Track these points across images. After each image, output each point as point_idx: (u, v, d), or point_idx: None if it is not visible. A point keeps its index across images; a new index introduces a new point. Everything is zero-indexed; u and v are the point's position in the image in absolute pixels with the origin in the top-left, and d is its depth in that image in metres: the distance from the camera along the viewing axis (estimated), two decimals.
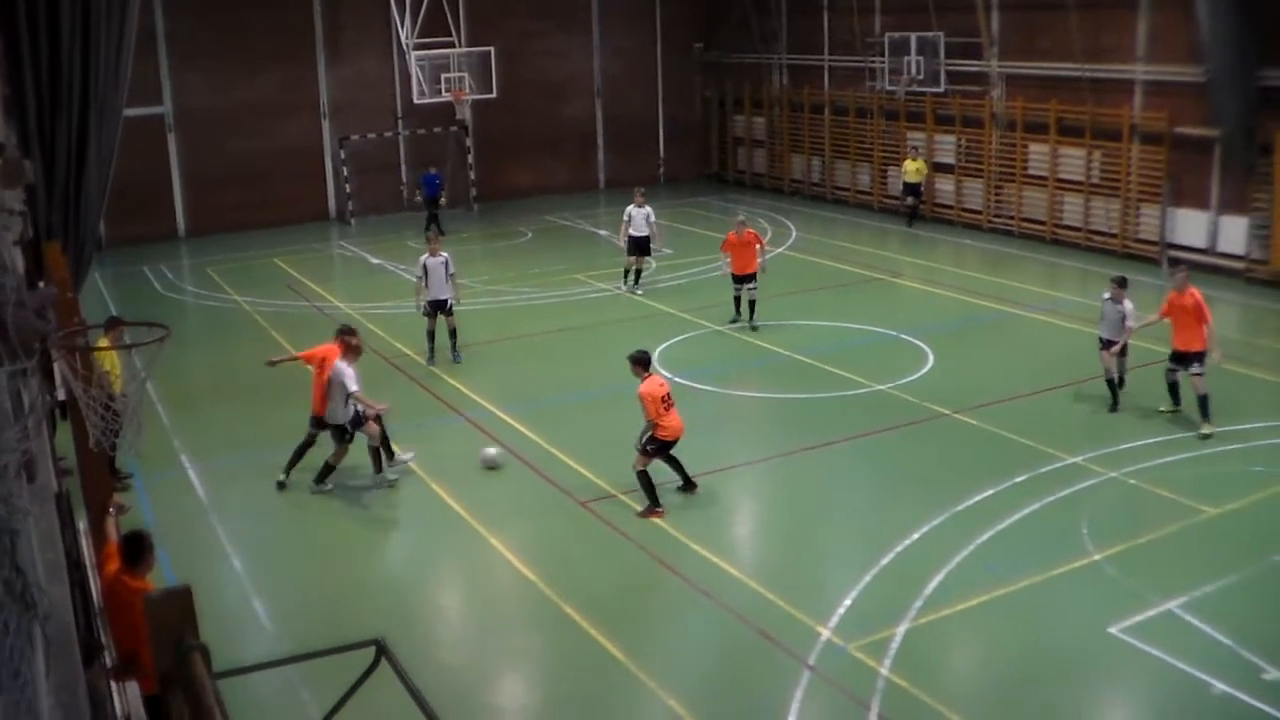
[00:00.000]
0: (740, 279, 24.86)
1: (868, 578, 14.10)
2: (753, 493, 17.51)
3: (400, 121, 41.33)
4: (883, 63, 38.26)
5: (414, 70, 38.04)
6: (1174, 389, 18.91)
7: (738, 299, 25.06)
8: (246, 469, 18.28)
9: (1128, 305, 19.42)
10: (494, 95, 39.54)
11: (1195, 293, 18.60)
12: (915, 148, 37.29)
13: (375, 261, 33.34)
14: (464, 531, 15.89)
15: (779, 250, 32.61)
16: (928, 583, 13.86)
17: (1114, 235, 31.61)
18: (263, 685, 11.70)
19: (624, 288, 27.76)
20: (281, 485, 17.39)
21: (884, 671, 12.06)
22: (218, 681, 4.24)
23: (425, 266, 22.72)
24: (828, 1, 41.28)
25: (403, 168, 41.97)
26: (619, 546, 15.27)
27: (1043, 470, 17.00)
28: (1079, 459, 17.27)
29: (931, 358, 22.73)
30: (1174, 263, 27.25)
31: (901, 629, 12.87)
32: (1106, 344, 19.52)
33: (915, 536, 15.12)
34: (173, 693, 4.38)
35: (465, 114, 40.23)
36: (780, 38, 43.45)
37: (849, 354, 23.05)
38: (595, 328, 25.23)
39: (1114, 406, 19.46)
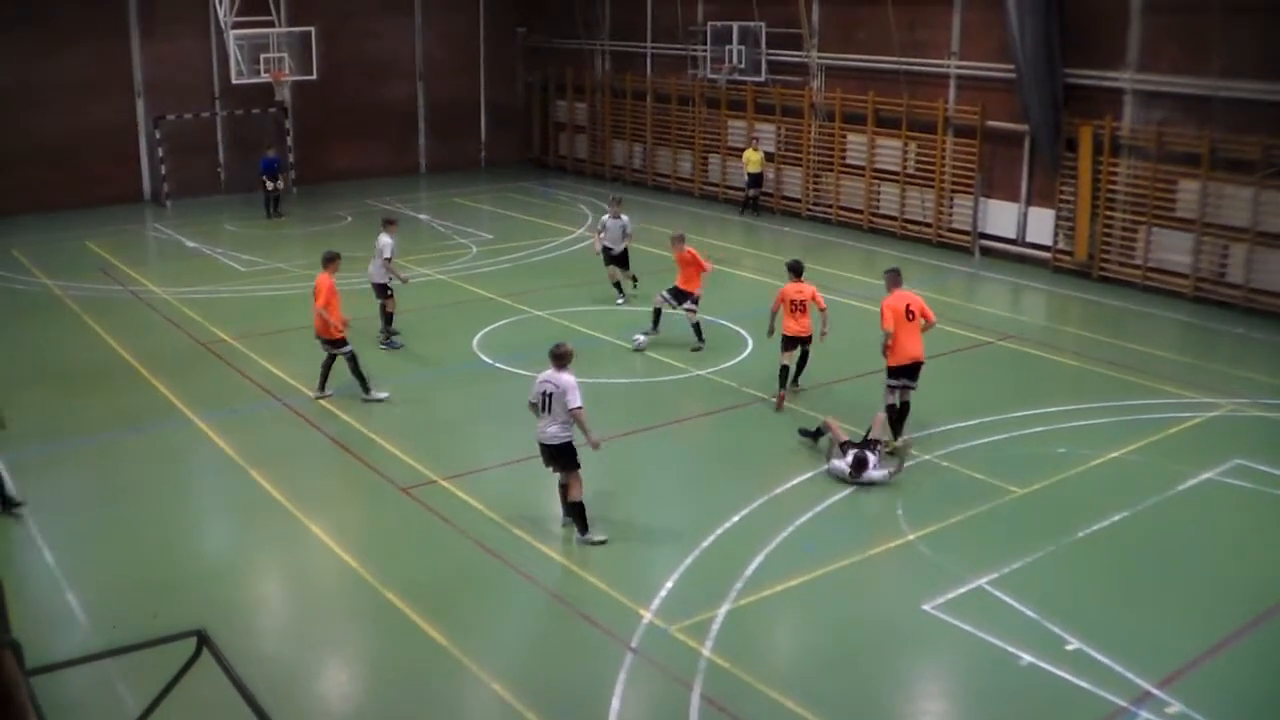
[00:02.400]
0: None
1: (688, 560, 14.24)
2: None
3: (218, 102, 40.31)
4: (705, 51, 38.58)
5: (232, 50, 37.08)
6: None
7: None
8: (56, 458, 17.69)
9: (625, 219, 24.45)
10: (314, 77, 38.77)
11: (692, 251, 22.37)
12: (756, 138, 37.60)
13: (191, 245, 32.53)
14: (284, 519, 15.62)
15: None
16: (748, 564, 14.06)
17: (929, 225, 32.41)
18: (78, 681, 11.36)
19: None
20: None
21: (706, 653, 12.20)
22: (30, 679, 4.12)
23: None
24: None
25: (220, 149, 40.98)
26: (440, 532, 15.18)
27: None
28: (895, 442, 17.63)
29: (750, 343, 23.01)
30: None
31: (723, 610, 13.03)
32: (607, 253, 24.82)
33: (735, 520, 15.32)
34: None
35: (285, 95, 39.41)
36: (603, 24, 43.52)
37: (666, 340, 23.12)
38: (416, 313, 25.00)
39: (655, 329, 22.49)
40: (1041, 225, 29.90)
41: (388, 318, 23.19)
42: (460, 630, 12.80)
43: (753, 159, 36.90)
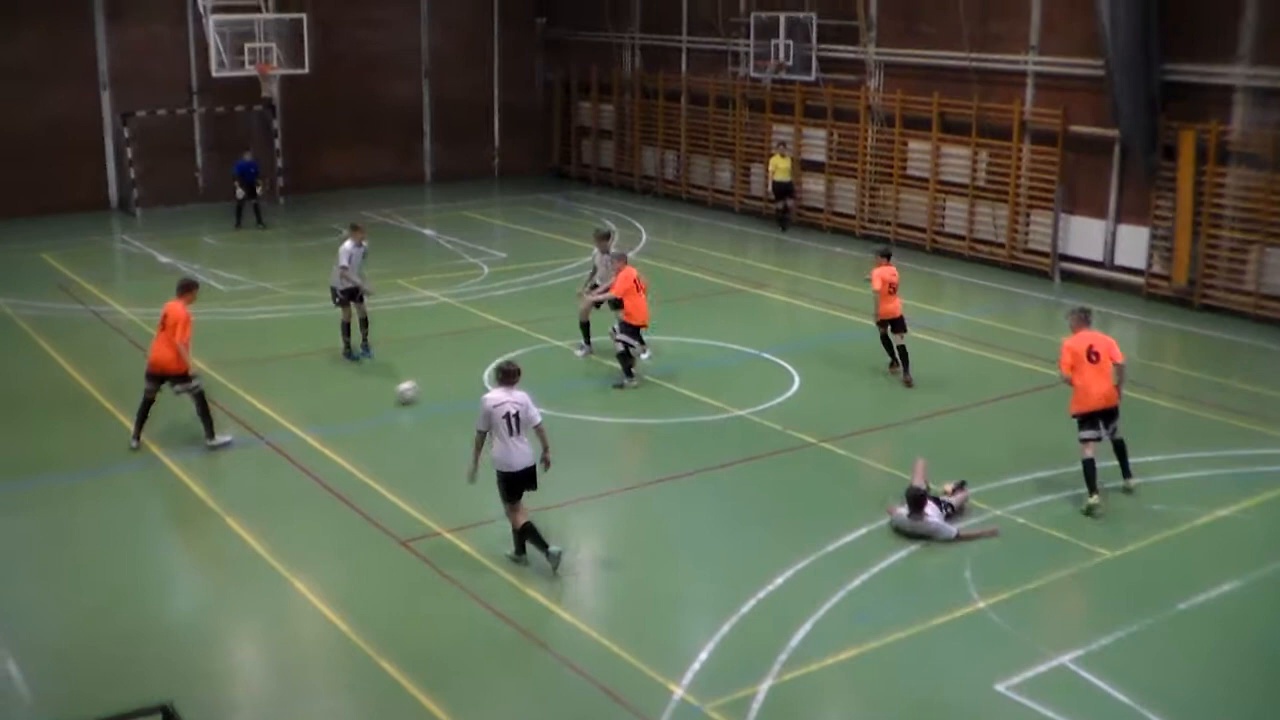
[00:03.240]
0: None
1: (726, 628, 14.08)
2: (596, 531, 17.38)
3: (195, 97, 40.52)
4: (748, 46, 38.59)
5: (212, 38, 37.22)
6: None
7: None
8: (3, 499, 17.68)
9: (605, 256, 23.90)
10: (306, 70, 38.92)
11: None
12: (783, 143, 37.64)
13: (164, 260, 32.62)
14: (264, 574, 15.52)
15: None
16: (794, 634, 13.88)
17: (1001, 245, 32.28)
18: None
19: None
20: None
21: None
22: None
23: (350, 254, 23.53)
24: None
25: (198, 151, 41.16)
26: (443, 592, 15.06)
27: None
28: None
29: (797, 380, 22.91)
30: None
31: (764, 686, 12.87)
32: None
33: (779, 581, 15.16)
34: None
35: (272, 91, 39.62)
36: (633, 15, 43.64)
37: (706, 375, 23.14)
38: (419, 341, 24.97)
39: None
40: (1133, 245, 29.69)
41: (363, 323, 23.90)
42: (466, 706, 12.67)
43: (780, 166, 37.02)
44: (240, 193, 36.94)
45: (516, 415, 15.10)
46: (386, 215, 38.77)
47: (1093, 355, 17.41)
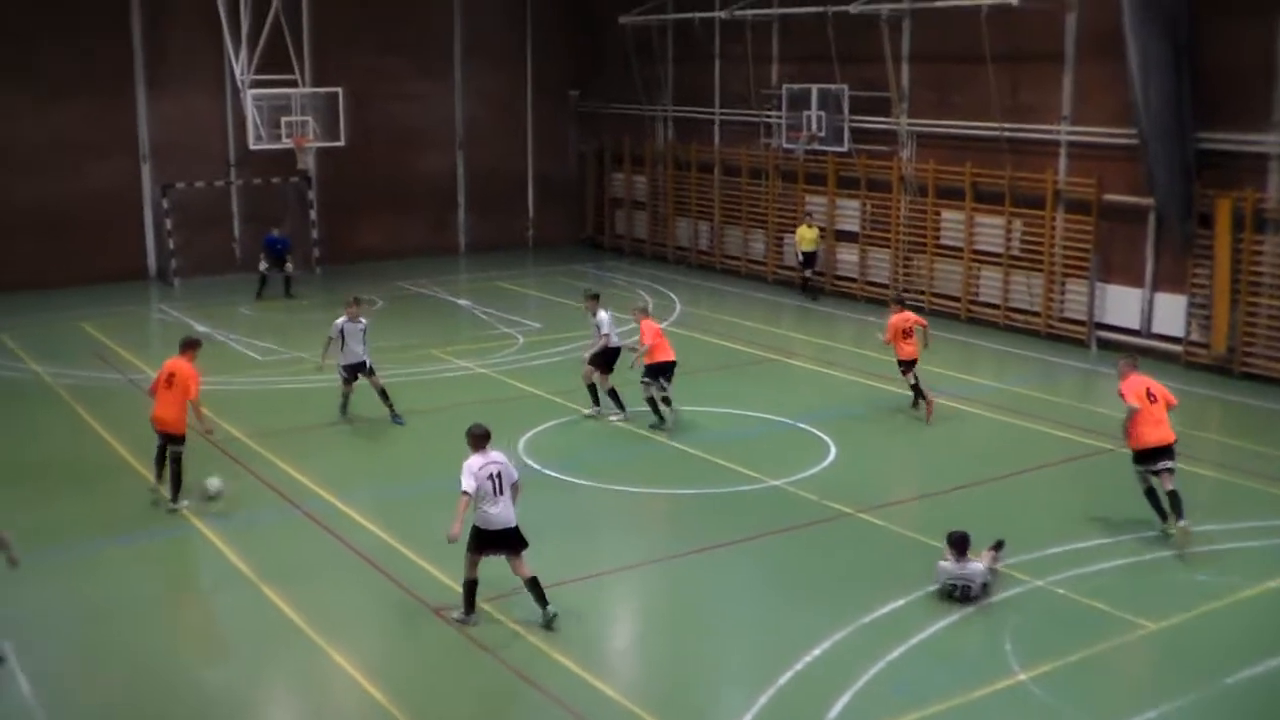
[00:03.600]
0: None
1: (763, 699, 13.92)
2: (630, 601, 17.31)
3: (233, 169, 40.86)
4: (780, 118, 38.67)
5: (250, 111, 37.54)
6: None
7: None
8: (37, 568, 17.53)
9: (603, 315, 24.20)
10: (342, 143, 39.25)
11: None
12: (810, 213, 37.86)
13: (202, 329, 32.70)
14: (302, 644, 15.44)
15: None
16: (832, 705, 13.71)
17: (1036, 314, 32.14)
18: None
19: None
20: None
21: None
22: None
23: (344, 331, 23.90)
24: (719, 48, 41.73)
25: (235, 221, 41.43)
26: (479, 661, 14.95)
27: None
28: (999, 566, 17.27)
29: (833, 449, 22.76)
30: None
31: None
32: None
33: (816, 653, 14.99)
34: None
35: (308, 163, 39.91)
36: (665, 87, 43.86)
37: (740, 444, 23.04)
38: (454, 410, 24.95)
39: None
40: (1170, 313, 29.52)
41: (382, 394, 24.24)
42: None
43: (807, 236, 37.31)
44: (264, 264, 37.23)
45: (499, 474, 15.45)
46: (422, 286, 38.89)
47: (1151, 396, 18.31)
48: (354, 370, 24.12)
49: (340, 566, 17.86)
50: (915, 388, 24.72)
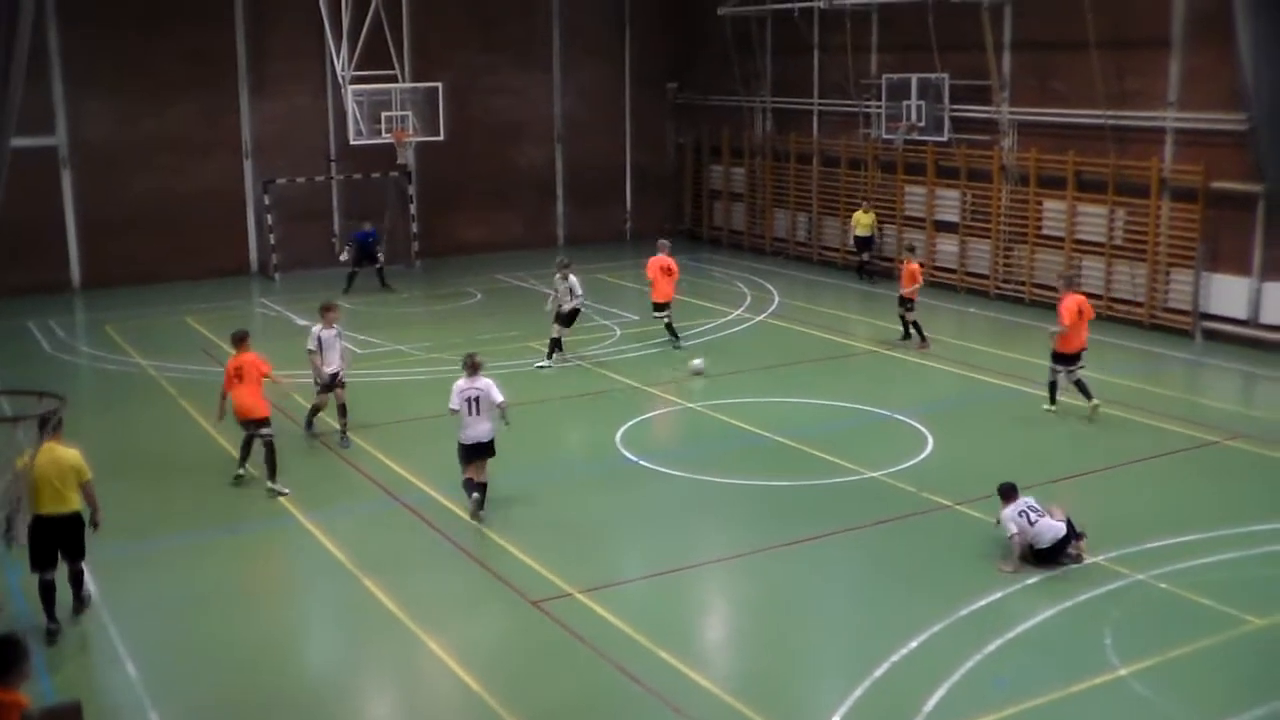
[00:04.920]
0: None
1: (858, 691, 13.90)
2: (727, 592, 17.32)
3: (334, 165, 41.31)
4: (879, 108, 38.55)
5: (350, 107, 37.97)
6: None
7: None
8: (145, 558, 17.97)
9: (573, 279, 27.69)
10: (441, 137, 39.62)
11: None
12: (867, 199, 38.54)
13: (301, 323, 33.05)
14: (398, 633, 15.62)
15: (760, 317, 32.63)
16: (929, 698, 13.66)
17: (1140, 304, 31.76)
18: None
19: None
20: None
21: None
22: None
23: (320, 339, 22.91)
24: (818, 39, 41.60)
25: (335, 216, 41.92)
26: (576, 653, 15.03)
27: (1058, 571, 16.89)
28: (1100, 559, 17.15)
29: (931, 441, 22.66)
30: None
31: None
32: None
33: (913, 645, 14.94)
34: None
35: (408, 158, 40.26)
36: (764, 79, 43.80)
37: (837, 436, 22.98)
38: (552, 403, 25.07)
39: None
40: None
41: (341, 410, 23.09)
42: None
43: (863, 221, 38.16)
44: (344, 256, 38.14)
45: (477, 399, 18.79)
46: (520, 279, 39.07)
47: (1082, 314, 23.49)
48: (333, 379, 22.96)
49: (439, 558, 18.02)
50: (915, 323, 29.18)
